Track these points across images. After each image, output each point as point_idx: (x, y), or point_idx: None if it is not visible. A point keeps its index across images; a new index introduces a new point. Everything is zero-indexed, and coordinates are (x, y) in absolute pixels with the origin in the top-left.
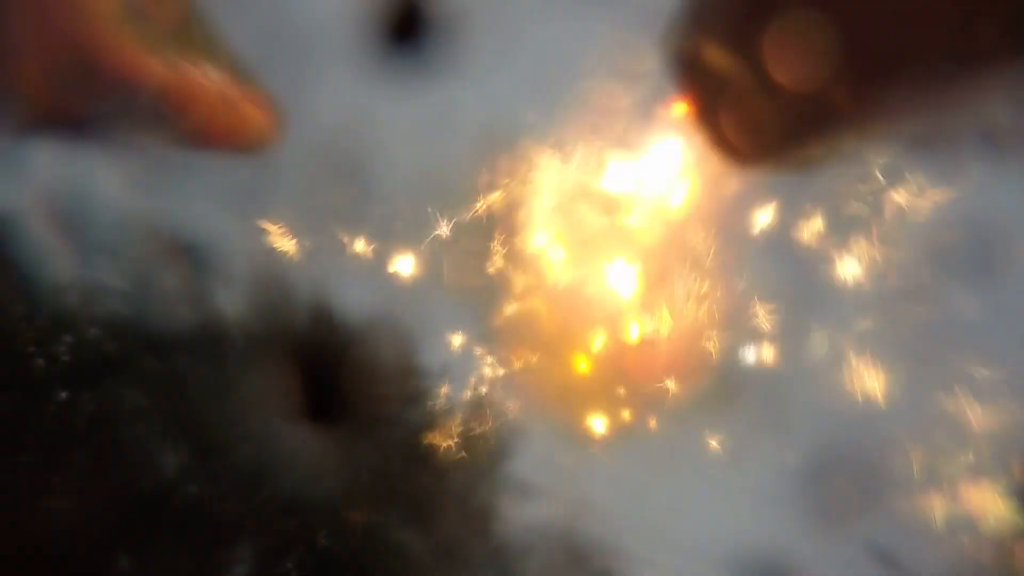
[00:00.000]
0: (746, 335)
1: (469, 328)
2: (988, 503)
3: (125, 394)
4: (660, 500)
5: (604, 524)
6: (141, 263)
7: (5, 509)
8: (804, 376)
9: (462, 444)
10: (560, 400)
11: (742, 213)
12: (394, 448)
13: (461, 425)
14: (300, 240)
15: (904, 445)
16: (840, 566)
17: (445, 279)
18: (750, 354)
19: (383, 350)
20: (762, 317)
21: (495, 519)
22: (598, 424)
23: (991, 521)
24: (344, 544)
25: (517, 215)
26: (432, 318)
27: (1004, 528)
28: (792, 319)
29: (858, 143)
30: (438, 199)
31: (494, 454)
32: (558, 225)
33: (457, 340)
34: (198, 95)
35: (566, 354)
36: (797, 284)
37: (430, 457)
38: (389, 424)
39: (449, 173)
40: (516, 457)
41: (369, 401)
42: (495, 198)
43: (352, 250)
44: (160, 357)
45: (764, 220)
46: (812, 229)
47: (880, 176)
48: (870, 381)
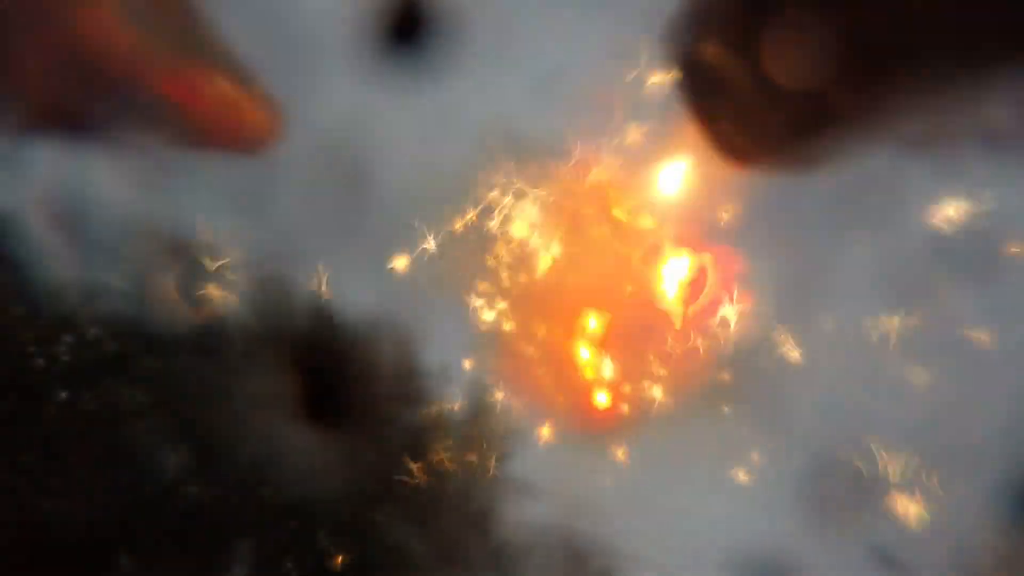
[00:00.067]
0: (746, 335)
1: (469, 328)
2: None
3: (125, 394)
4: (660, 500)
5: (604, 524)
6: (141, 263)
7: (5, 509)
8: (804, 376)
9: (462, 445)
10: (559, 400)
11: (742, 212)
12: (394, 448)
13: (461, 425)
14: (300, 241)
15: (904, 445)
16: (840, 566)
17: (445, 279)
18: (750, 354)
19: (383, 351)
20: (762, 317)
21: (495, 519)
22: (598, 424)
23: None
24: (344, 544)
25: (517, 216)
26: (432, 318)
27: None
28: (792, 319)
29: (858, 143)
30: (438, 199)
31: (494, 454)
32: (558, 225)
33: (457, 340)
34: (198, 95)
35: (565, 354)
36: (796, 284)
37: (430, 457)
38: (389, 424)
39: (449, 173)
40: (516, 457)
41: (369, 401)
42: (495, 198)
43: (352, 250)
44: (160, 357)
45: (764, 221)
46: (812, 228)
47: (879, 176)
48: (870, 381)
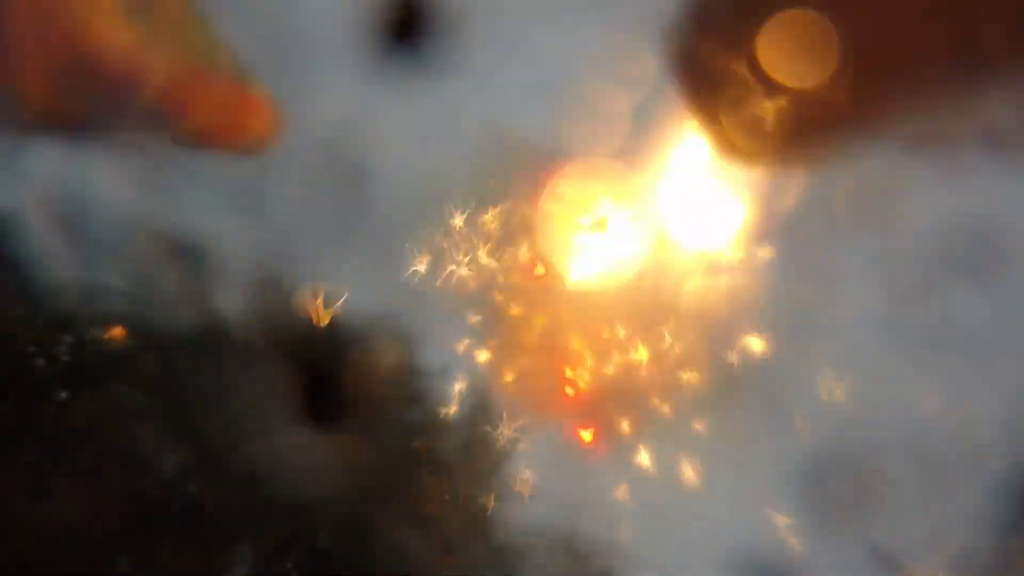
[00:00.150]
0: (746, 336)
1: (469, 329)
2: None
3: (125, 394)
4: (660, 500)
5: (604, 524)
6: (141, 263)
7: (5, 509)
8: (804, 376)
9: (462, 444)
10: (559, 400)
11: (741, 211)
12: (394, 448)
13: (461, 425)
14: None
15: (904, 445)
16: (840, 566)
17: (445, 279)
18: (750, 355)
19: (383, 350)
20: (762, 317)
21: (495, 519)
22: (598, 425)
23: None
24: (344, 544)
25: (517, 217)
26: (432, 319)
27: None
28: (793, 319)
29: (858, 143)
30: (437, 200)
31: (494, 454)
32: (558, 225)
33: (457, 341)
34: (198, 95)
35: (565, 355)
36: (798, 284)
37: (430, 457)
38: (389, 424)
39: (449, 174)
40: (516, 457)
41: (369, 401)
42: (495, 199)
43: (352, 250)
44: (160, 357)
45: (764, 218)
46: (812, 228)
47: (880, 176)
48: (870, 381)
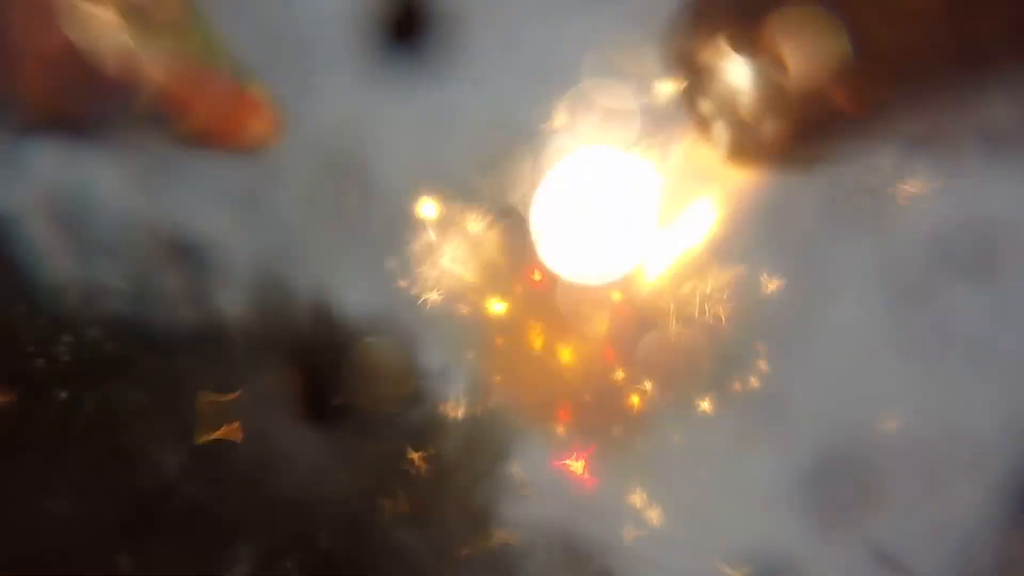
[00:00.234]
0: (746, 336)
1: (469, 329)
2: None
3: (125, 394)
4: (660, 500)
5: (604, 524)
6: (141, 263)
7: (5, 509)
8: (804, 376)
9: (462, 444)
10: (559, 400)
11: (740, 210)
12: (394, 448)
13: (461, 425)
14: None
15: (903, 445)
16: (840, 566)
17: (445, 280)
18: (750, 354)
19: (383, 350)
20: (762, 318)
21: (495, 519)
22: (598, 425)
23: None
24: (344, 544)
25: (517, 217)
26: (432, 319)
27: None
28: (793, 319)
29: (858, 143)
30: (437, 200)
31: (494, 454)
32: (558, 226)
33: (457, 341)
34: (198, 95)
35: (565, 355)
36: (797, 284)
37: (430, 457)
38: (389, 424)
39: (449, 174)
40: (516, 457)
41: (369, 401)
42: (495, 199)
43: (352, 250)
44: (160, 357)
45: (764, 218)
46: (812, 228)
47: (881, 175)
48: (870, 381)
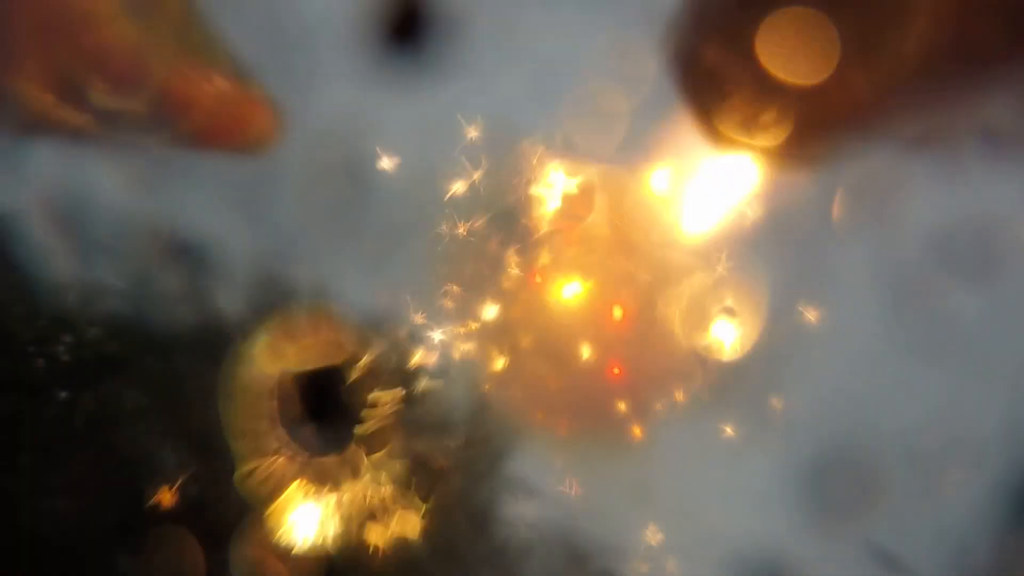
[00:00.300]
0: (746, 336)
1: (469, 329)
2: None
3: (125, 394)
4: (660, 500)
5: (604, 524)
6: (141, 263)
7: (5, 509)
8: (804, 376)
9: (462, 444)
10: (558, 400)
11: (740, 210)
12: (394, 449)
13: (461, 425)
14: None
15: (904, 446)
16: (840, 566)
17: (445, 280)
18: (750, 354)
19: (383, 350)
20: (762, 317)
21: (495, 519)
22: (598, 425)
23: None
24: (343, 544)
25: (516, 217)
26: (433, 318)
27: None
28: (792, 319)
29: (858, 143)
30: (437, 199)
31: (494, 454)
32: (557, 226)
33: (458, 340)
34: (198, 95)
35: (565, 355)
36: (797, 284)
37: (429, 457)
38: (389, 424)
39: (449, 174)
40: (516, 457)
41: (369, 401)
42: (495, 199)
43: (352, 250)
44: (160, 357)
45: (764, 218)
46: (812, 228)
47: (881, 175)
48: (870, 380)
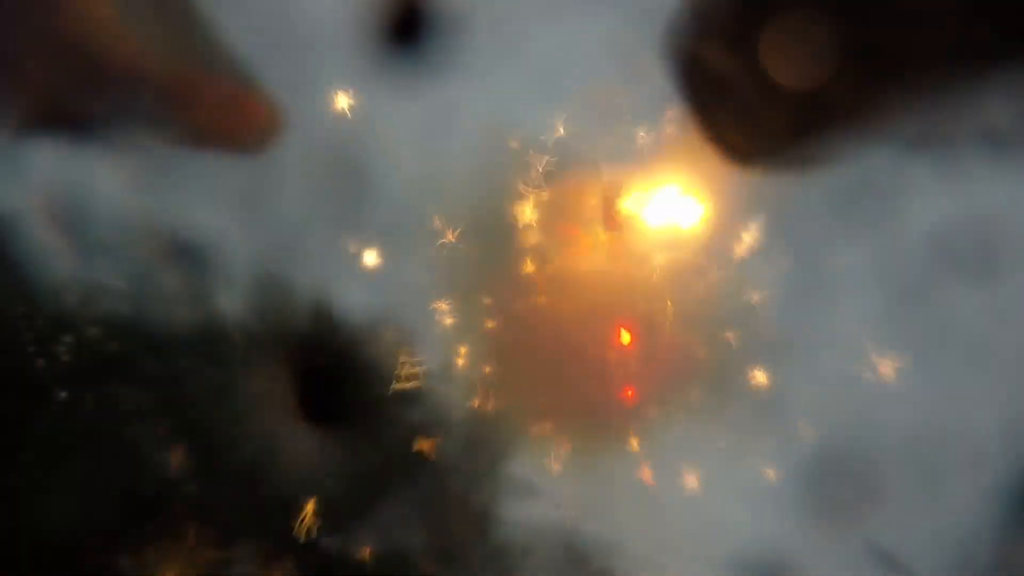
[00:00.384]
0: (746, 335)
1: (469, 329)
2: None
3: (125, 394)
4: (660, 500)
5: (604, 524)
6: (141, 263)
7: (5, 509)
8: (804, 376)
9: (462, 444)
10: (558, 399)
11: (741, 211)
12: (394, 448)
13: (461, 425)
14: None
15: (904, 445)
16: (840, 566)
17: (445, 280)
18: (750, 354)
19: (383, 350)
20: (762, 317)
21: (495, 519)
22: (597, 423)
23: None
24: (344, 544)
25: (516, 217)
26: (433, 318)
27: None
28: (792, 318)
29: (858, 143)
30: (438, 199)
31: (494, 455)
32: (557, 227)
33: (458, 340)
34: (198, 95)
35: (566, 355)
36: (797, 285)
37: (430, 457)
38: (389, 424)
39: (449, 174)
40: (516, 458)
41: (369, 401)
42: (495, 199)
43: (352, 250)
44: (160, 357)
45: (764, 218)
46: (812, 228)
47: (881, 175)
48: (870, 381)
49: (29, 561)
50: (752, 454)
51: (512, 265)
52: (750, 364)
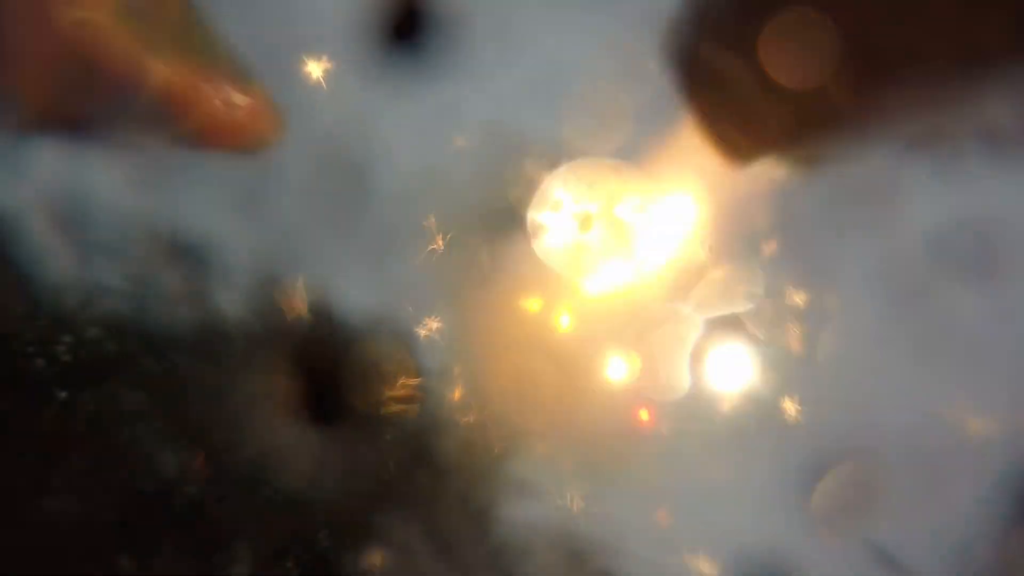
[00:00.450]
0: (745, 335)
1: (469, 328)
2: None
3: (125, 394)
4: (660, 500)
5: (604, 524)
6: (141, 263)
7: (5, 509)
8: (803, 376)
9: (462, 444)
10: (558, 399)
11: (741, 212)
12: (394, 448)
13: (461, 425)
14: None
15: (904, 445)
16: (840, 566)
17: (445, 280)
18: (749, 354)
19: (383, 350)
20: (763, 317)
21: (495, 519)
22: (597, 423)
23: None
24: (344, 544)
25: (517, 218)
26: (432, 318)
27: None
28: (792, 318)
29: (858, 143)
30: (438, 200)
31: (494, 454)
32: (558, 228)
33: (457, 340)
34: (198, 95)
35: (566, 355)
36: (797, 284)
37: (430, 457)
38: (389, 424)
39: (450, 175)
40: (516, 457)
41: (369, 401)
42: (495, 200)
43: (352, 250)
44: (160, 357)
45: (762, 219)
46: (812, 228)
47: (880, 176)
48: (870, 381)
49: (29, 561)
50: (750, 453)
51: (509, 263)
52: (749, 364)
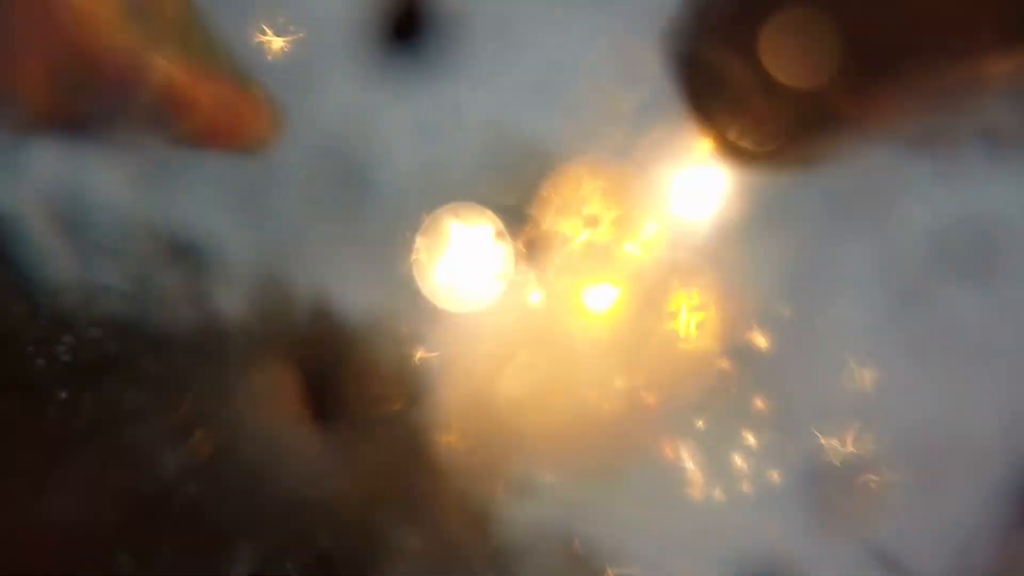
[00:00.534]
0: (746, 335)
1: (469, 328)
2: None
3: (125, 394)
4: (660, 500)
5: (604, 524)
6: (141, 263)
7: (5, 509)
8: (803, 376)
9: (462, 444)
10: (559, 399)
11: (741, 213)
12: (394, 448)
13: (461, 425)
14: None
15: (904, 445)
16: (840, 566)
17: (445, 280)
18: (749, 354)
19: (383, 350)
20: (762, 317)
21: (495, 519)
22: (597, 421)
23: None
24: (344, 544)
25: (517, 218)
26: (432, 318)
27: None
28: (792, 318)
29: (858, 143)
30: (438, 201)
31: (494, 454)
32: (558, 229)
33: (458, 340)
34: (198, 95)
35: (566, 354)
36: (796, 284)
37: (430, 457)
38: (389, 424)
39: (450, 175)
40: (516, 457)
41: (369, 401)
42: (495, 200)
43: (352, 250)
44: (160, 357)
45: (762, 220)
46: (812, 228)
47: (880, 176)
48: (870, 381)
49: (29, 561)
50: (750, 452)
51: (509, 263)
52: (749, 364)
